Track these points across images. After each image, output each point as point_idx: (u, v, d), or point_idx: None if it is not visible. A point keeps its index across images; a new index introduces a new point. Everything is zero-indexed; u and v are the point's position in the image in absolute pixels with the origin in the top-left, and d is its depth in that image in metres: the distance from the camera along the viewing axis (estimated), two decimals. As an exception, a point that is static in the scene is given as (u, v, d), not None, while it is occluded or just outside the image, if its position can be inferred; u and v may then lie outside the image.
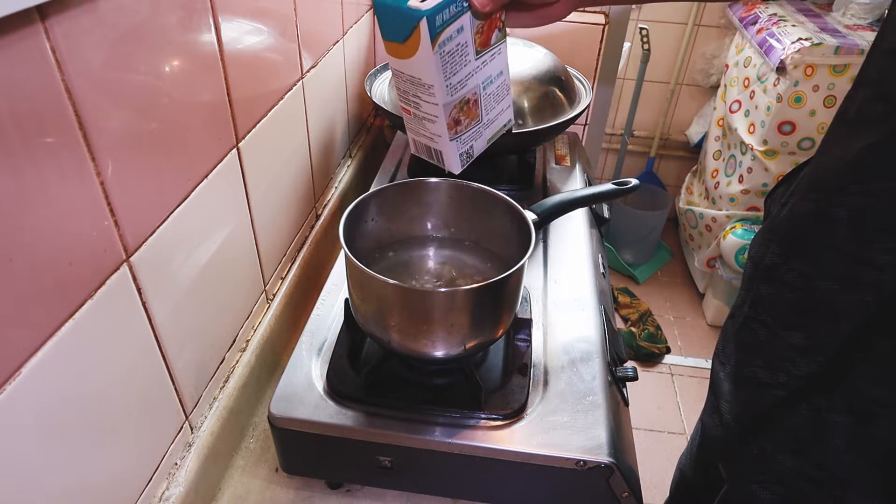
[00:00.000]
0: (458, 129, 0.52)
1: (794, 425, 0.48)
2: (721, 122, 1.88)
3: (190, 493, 0.58)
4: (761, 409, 0.51)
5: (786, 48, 1.50)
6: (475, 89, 0.52)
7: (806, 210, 0.46)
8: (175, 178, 0.54)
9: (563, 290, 0.75)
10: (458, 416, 0.59)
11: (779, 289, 0.49)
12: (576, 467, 0.56)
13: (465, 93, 0.51)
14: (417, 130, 0.54)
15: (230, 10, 0.59)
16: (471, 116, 0.53)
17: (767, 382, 0.50)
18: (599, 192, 0.70)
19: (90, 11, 0.40)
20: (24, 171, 0.37)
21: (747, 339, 0.52)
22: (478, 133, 0.55)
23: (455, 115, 0.51)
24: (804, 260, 0.47)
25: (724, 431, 0.55)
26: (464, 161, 0.55)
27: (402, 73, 0.50)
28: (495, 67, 0.53)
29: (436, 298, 0.56)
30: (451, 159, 0.54)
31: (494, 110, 0.55)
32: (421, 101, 0.51)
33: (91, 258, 0.44)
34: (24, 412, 0.39)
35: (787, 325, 0.48)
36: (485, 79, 0.52)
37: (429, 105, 0.50)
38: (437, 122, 0.51)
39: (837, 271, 0.44)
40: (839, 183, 0.43)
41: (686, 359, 1.86)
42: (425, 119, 0.52)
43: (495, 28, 0.50)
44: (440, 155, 0.55)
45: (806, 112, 1.54)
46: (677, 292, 2.11)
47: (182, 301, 0.57)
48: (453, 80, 0.49)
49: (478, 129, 0.55)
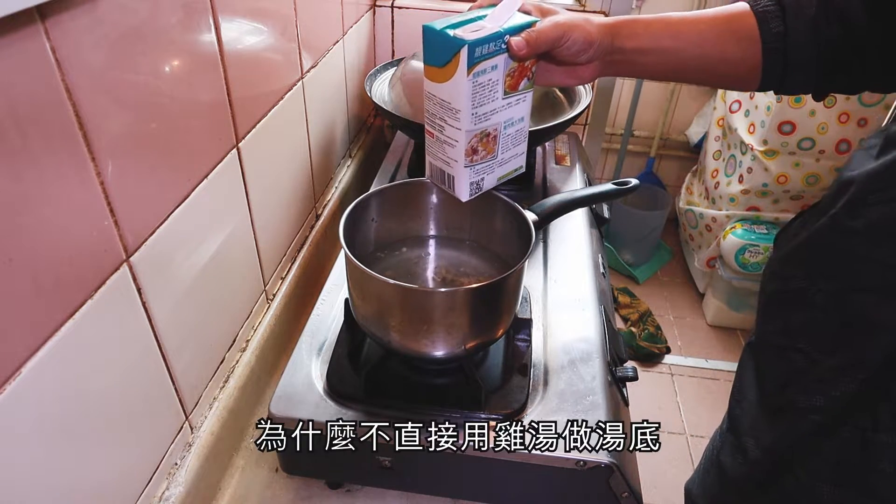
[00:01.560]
0: (474, 157, 0.56)
1: (836, 450, 0.45)
2: (721, 122, 1.88)
3: (190, 493, 0.58)
4: (796, 438, 0.48)
5: (786, 48, 1.50)
6: (497, 126, 0.56)
7: (823, 225, 0.46)
8: (175, 178, 0.54)
9: (563, 290, 0.75)
10: (458, 416, 0.59)
11: (811, 314, 0.47)
12: (576, 467, 0.56)
13: (487, 126, 0.55)
14: (436, 154, 0.58)
15: (230, 10, 0.59)
16: (488, 150, 0.56)
17: (803, 407, 0.47)
18: (599, 192, 0.70)
19: (90, 11, 0.40)
20: (24, 171, 0.37)
21: (779, 368, 0.50)
22: (490, 168, 0.58)
23: (474, 143, 0.55)
24: (830, 277, 0.46)
25: (751, 468, 0.53)
26: (473, 191, 0.58)
27: (434, 97, 0.54)
28: (518, 112, 0.57)
29: (436, 298, 0.56)
30: (461, 186, 0.57)
31: (510, 152, 0.59)
32: (446, 124, 0.54)
33: (91, 258, 0.44)
34: (24, 412, 0.39)
35: (825, 348, 0.46)
36: (507, 119, 0.56)
37: (452, 129, 0.54)
38: (455, 147, 0.55)
39: (869, 281, 0.43)
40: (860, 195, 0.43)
41: (686, 359, 1.86)
42: (446, 143, 0.56)
43: (525, 76, 0.55)
44: (452, 181, 0.58)
45: (806, 112, 1.53)
46: (677, 292, 2.11)
47: (182, 301, 0.57)
48: (479, 110, 0.53)
49: (491, 164, 0.58)
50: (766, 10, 0.52)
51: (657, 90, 2.11)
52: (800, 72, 0.53)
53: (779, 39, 0.51)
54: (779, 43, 0.51)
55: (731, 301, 1.90)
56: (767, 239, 1.71)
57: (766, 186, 1.68)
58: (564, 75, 0.57)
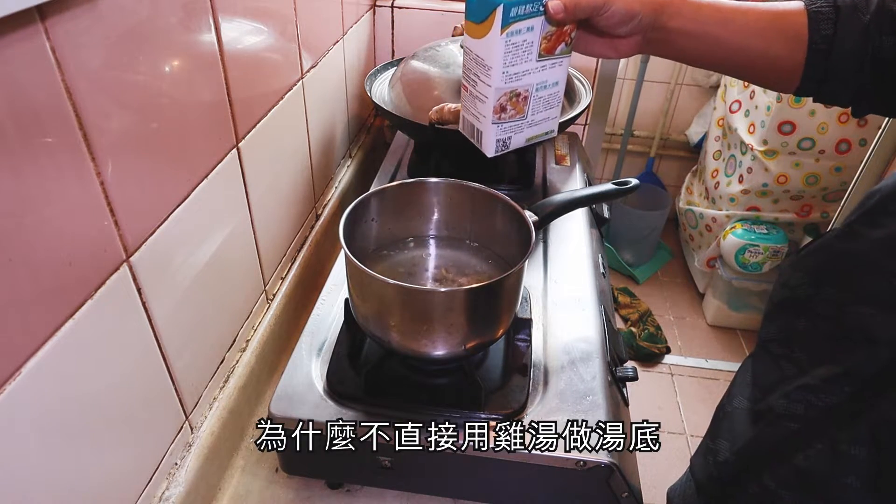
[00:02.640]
0: (502, 115, 0.56)
1: (806, 460, 0.45)
2: (721, 122, 1.88)
3: (190, 493, 0.58)
4: (769, 445, 0.49)
5: (786, 48, 1.49)
6: (528, 87, 0.56)
7: (839, 232, 0.46)
8: (175, 178, 0.54)
9: (563, 290, 0.75)
10: (458, 416, 0.59)
11: (811, 321, 0.47)
12: (576, 467, 0.56)
13: (517, 86, 0.55)
14: (468, 108, 0.59)
15: (230, 10, 0.59)
16: (517, 110, 0.57)
17: (782, 414, 0.48)
18: (599, 192, 0.70)
19: (90, 11, 0.40)
20: (24, 171, 0.37)
21: (770, 376, 0.50)
22: (519, 128, 0.59)
23: (503, 102, 0.55)
24: (836, 285, 0.45)
25: (719, 470, 0.53)
26: (499, 147, 0.59)
27: (471, 52, 0.55)
28: (553, 76, 0.57)
29: (436, 298, 0.56)
30: (488, 141, 0.58)
31: (541, 114, 0.59)
32: (479, 80, 0.56)
33: (91, 258, 0.44)
34: (24, 412, 0.39)
35: (819, 357, 0.46)
36: (540, 81, 0.56)
37: (483, 85, 0.55)
38: (485, 103, 0.56)
39: (874, 292, 0.42)
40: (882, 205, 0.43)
41: (686, 359, 1.86)
42: (477, 98, 0.57)
43: (563, 41, 0.55)
44: (480, 136, 0.59)
45: (806, 112, 1.53)
46: (677, 292, 2.11)
47: (182, 301, 0.57)
48: (511, 69, 0.54)
49: (520, 124, 0.59)
50: (820, 10, 0.50)
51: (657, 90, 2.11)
52: (839, 79, 0.51)
53: (826, 41, 0.50)
54: (825, 45, 0.50)
55: (731, 301, 1.90)
56: (767, 239, 1.71)
57: (766, 186, 1.68)
58: (603, 46, 0.56)
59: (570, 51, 0.56)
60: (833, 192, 1.68)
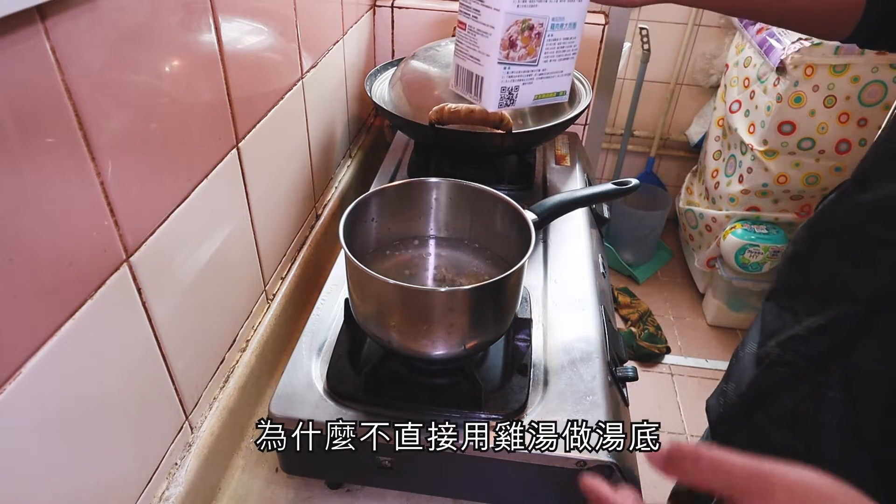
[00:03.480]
0: (510, 53, 0.47)
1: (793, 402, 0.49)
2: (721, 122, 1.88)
3: (190, 493, 0.58)
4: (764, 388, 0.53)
5: (786, 48, 1.50)
6: (543, 20, 0.47)
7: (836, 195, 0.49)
8: (175, 178, 0.54)
9: (563, 290, 0.75)
10: (458, 416, 0.59)
11: (805, 276, 0.51)
12: (576, 467, 0.56)
13: (531, 14, 0.46)
14: (465, 52, 0.50)
15: (230, 10, 0.59)
16: (528, 49, 0.48)
17: (776, 360, 0.52)
18: (599, 192, 0.70)
19: (90, 11, 0.40)
20: (24, 171, 0.37)
21: (774, 324, 0.54)
22: (528, 76, 0.49)
23: (513, 34, 0.47)
24: (825, 245, 0.49)
25: (727, 410, 0.57)
26: (503, 100, 0.50)
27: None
28: (570, 13, 0.48)
29: (436, 298, 0.56)
30: (490, 90, 0.49)
31: (553, 64, 0.50)
32: (482, 6, 0.47)
33: (91, 258, 0.44)
34: (24, 412, 0.39)
35: (809, 311, 0.49)
36: (556, 16, 0.47)
37: (489, 12, 0.46)
38: (490, 37, 0.47)
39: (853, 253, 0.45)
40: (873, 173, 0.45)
41: (686, 359, 1.86)
42: (479, 32, 0.48)
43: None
44: (480, 84, 0.50)
45: (806, 112, 1.54)
46: (677, 292, 2.11)
47: (182, 301, 0.57)
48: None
49: (530, 71, 0.49)
50: None
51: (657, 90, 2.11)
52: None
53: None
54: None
55: (731, 301, 1.90)
56: (767, 239, 1.71)
57: (766, 186, 1.68)
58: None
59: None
60: (833, 192, 1.68)
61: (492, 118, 0.81)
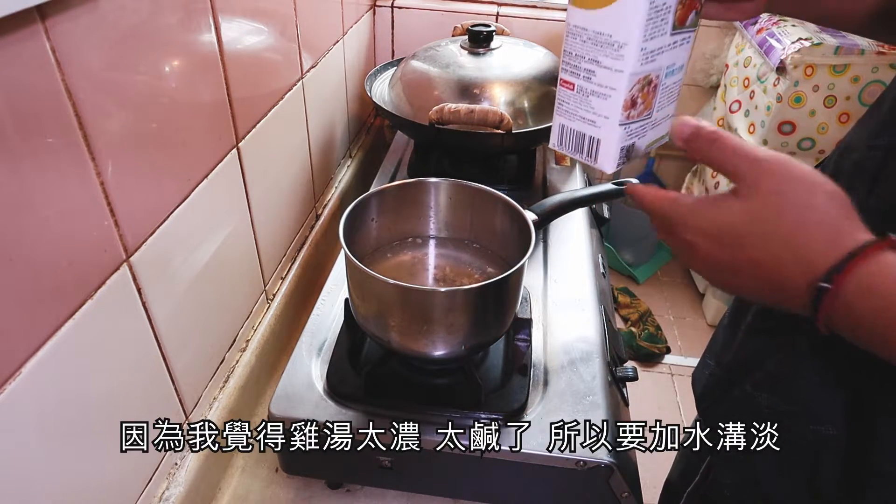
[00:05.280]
0: (631, 113, 0.43)
1: (774, 365, 0.50)
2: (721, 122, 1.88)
3: (190, 493, 0.58)
4: (747, 356, 0.53)
5: (786, 48, 1.49)
6: (660, 71, 0.43)
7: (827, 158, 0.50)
8: (175, 178, 0.54)
9: (563, 290, 0.75)
10: (458, 416, 0.59)
11: None
12: (576, 467, 0.56)
13: (651, 69, 0.42)
14: (574, 112, 0.45)
15: (230, 10, 0.59)
16: (646, 104, 0.44)
17: (757, 329, 0.52)
18: (599, 192, 0.70)
19: (90, 11, 0.40)
20: (24, 171, 0.37)
21: None
22: (643, 129, 0.45)
23: (635, 93, 0.42)
24: None
25: (711, 380, 0.58)
26: (621, 159, 0.45)
27: (584, 30, 0.42)
28: (680, 56, 0.44)
29: (436, 298, 0.56)
30: (609, 151, 0.44)
31: (663, 111, 0.46)
32: (598, 67, 0.42)
33: (91, 258, 0.44)
34: (24, 412, 0.39)
35: None
36: (670, 64, 0.43)
37: (608, 74, 0.41)
38: (611, 99, 0.42)
39: None
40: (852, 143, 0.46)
41: (686, 359, 1.85)
42: (594, 94, 0.43)
43: (694, 8, 0.43)
44: (596, 147, 0.45)
45: (806, 112, 1.53)
46: (677, 292, 2.11)
47: (182, 301, 0.57)
48: (649, 45, 0.41)
49: (645, 124, 0.45)
50: None
51: (657, 90, 2.11)
52: None
53: None
54: None
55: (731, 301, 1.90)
56: (767, 239, 1.71)
57: (766, 186, 1.68)
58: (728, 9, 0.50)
59: (699, 22, 0.44)
60: (833, 192, 1.68)
61: (491, 118, 0.81)
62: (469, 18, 1.25)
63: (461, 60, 0.92)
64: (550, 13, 1.34)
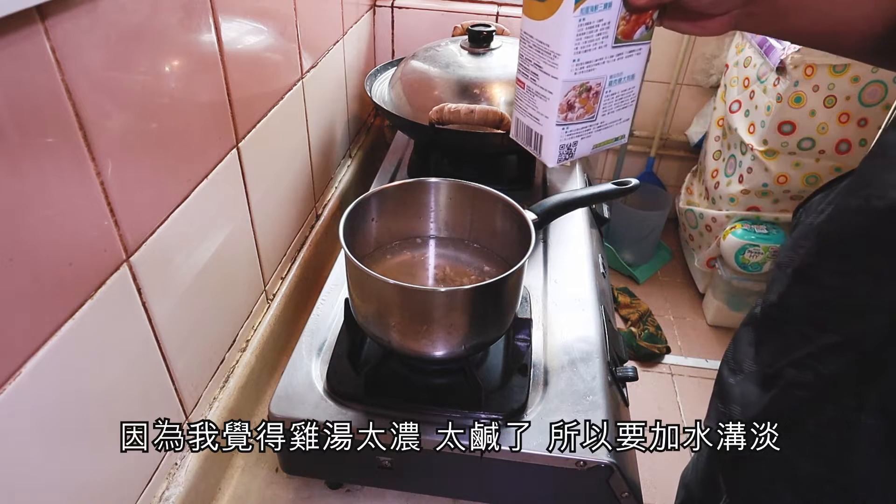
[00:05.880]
0: (568, 115, 0.48)
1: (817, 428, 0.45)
2: (721, 122, 1.88)
3: (190, 493, 0.58)
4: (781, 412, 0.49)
5: (786, 48, 1.49)
6: (601, 80, 0.47)
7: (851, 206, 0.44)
8: (175, 178, 0.54)
9: (563, 290, 0.75)
10: (458, 416, 0.59)
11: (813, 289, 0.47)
12: (576, 467, 0.56)
13: (588, 77, 0.46)
14: (525, 109, 0.50)
15: (230, 10, 0.59)
16: (586, 108, 0.48)
17: (792, 382, 0.47)
18: (599, 192, 0.70)
19: (90, 11, 0.40)
20: (24, 171, 0.37)
21: (775, 342, 0.50)
22: (586, 131, 0.50)
23: (571, 98, 0.47)
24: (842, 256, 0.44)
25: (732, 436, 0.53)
26: (562, 155, 0.50)
27: (531, 38, 0.47)
28: (629, 67, 0.48)
29: (436, 298, 0.56)
30: (550, 148, 0.50)
31: (612, 115, 0.50)
32: (540, 72, 0.47)
33: (91, 258, 0.44)
34: (24, 412, 0.39)
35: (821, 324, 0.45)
36: (614, 73, 0.48)
37: (547, 78, 0.46)
38: (549, 101, 0.47)
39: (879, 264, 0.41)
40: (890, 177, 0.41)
41: (686, 359, 1.86)
42: (538, 95, 0.48)
43: (643, 23, 0.46)
44: (540, 141, 0.50)
45: (806, 112, 1.53)
46: (677, 292, 2.11)
47: (182, 301, 0.57)
48: (582, 57, 0.45)
49: (588, 126, 0.50)
50: None
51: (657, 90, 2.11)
52: None
53: None
54: None
55: (731, 301, 1.90)
56: (767, 239, 1.71)
57: (766, 186, 1.68)
58: (692, 27, 0.49)
59: (651, 35, 0.48)
60: (833, 192, 1.68)
61: (491, 118, 0.81)
62: (469, 18, 1.25)
63: (461, 60, 0.92)
64: (550, 13, 1.34)
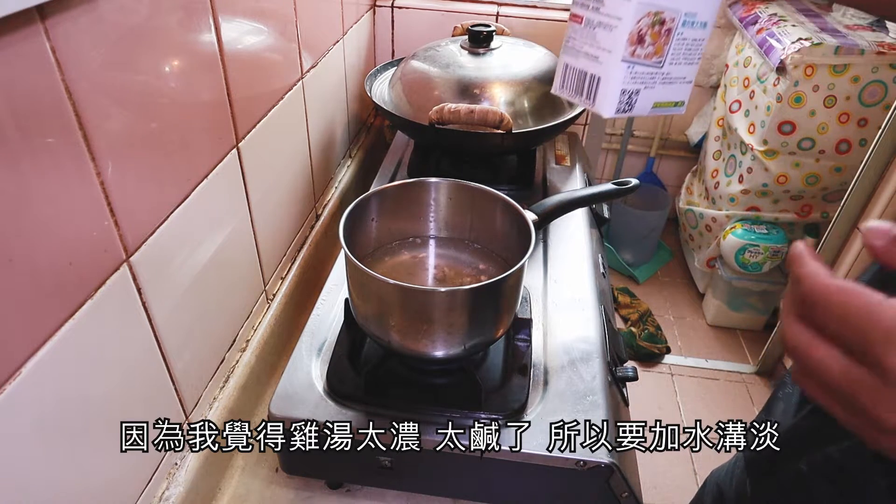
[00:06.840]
0: (636, 50, 0.41)
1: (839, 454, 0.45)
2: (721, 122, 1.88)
3: (190, 493, 0.58)
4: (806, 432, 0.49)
5: (786, 48, 1.49)
6: (675, 15, 0.40)
7: None
8: (175, 178, 0.54)
9: (563, 290, 0.75)
10: (458, 416, 0.59)
11: None
12: (576, 467, 0.56)
13: (665, 6, 0.40)
14: (579, 49, 0.43)
15: (230, 10, 0.59)
16: (656, 48, 0.41)
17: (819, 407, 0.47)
18: (599, 192, 0.70)
19: (90, 11, 0.40)
20: (24, 171, 0.37)
21: None
22: (651, 79, 0.42)
23: (643, 28, 0.40)
24: None
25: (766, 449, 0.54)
26: (622, 105, 0.43)
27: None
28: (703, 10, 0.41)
29: (436, 298, 0.56)
30: (609, 92, 0.42)
31: (678, 68, 0.43)
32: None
33: (91, 258, 0.44)
34: (23, 412, 0.39)
35: None
36: (689, 11, 0.41)
37: (617, 2, 0.40)
38: (616, 31, 0.40)
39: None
40: None
41: (686, 359, 1.86)
42: (601, 25, 0.41)
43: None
44: (596, 85, 0.43)
45: (806, 112, 1.53)
46: (677, 292, 2.11)
47: (182, 301, 0.57)
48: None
49: (653, 73, 0.42)
50: None
51: (657, 90, 2.10)
52: None
53: None
54: None
55: (731, 301, 1.90)
56: (767, 239, 1.71)
57: (766, 186, 1.68)
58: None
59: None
60: (833, 193, 1.68)
61: (491, 118, 0.81)
62: (469, 18, 1.25)
63: (461, 60, 0.92)
64: (550, 13, 1.34)
